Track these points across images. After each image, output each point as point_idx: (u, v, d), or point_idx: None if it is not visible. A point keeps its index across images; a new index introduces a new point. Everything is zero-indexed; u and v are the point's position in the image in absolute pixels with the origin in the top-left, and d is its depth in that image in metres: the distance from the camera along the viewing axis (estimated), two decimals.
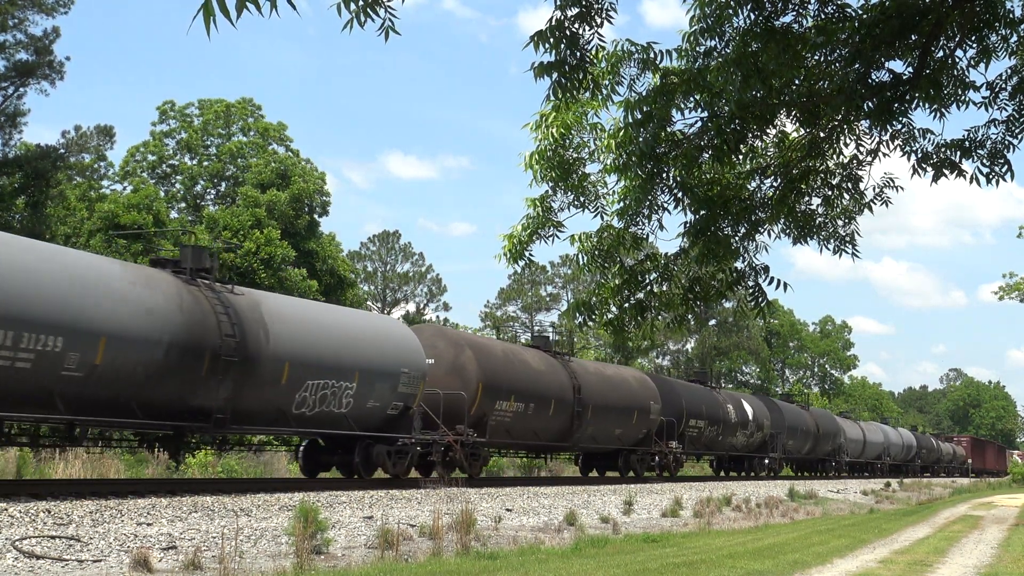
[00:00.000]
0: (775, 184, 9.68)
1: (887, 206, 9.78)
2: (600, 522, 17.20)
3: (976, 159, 8.60)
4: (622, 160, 8.99)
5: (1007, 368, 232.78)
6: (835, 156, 9.60)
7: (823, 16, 8.42)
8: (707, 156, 8.85)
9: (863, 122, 9.04)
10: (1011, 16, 8.25)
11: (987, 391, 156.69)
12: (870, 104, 8.33)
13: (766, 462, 42.20)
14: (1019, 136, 8.50)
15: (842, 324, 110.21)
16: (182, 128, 48.47)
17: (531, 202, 9.56)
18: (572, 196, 9.53)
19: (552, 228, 9.54)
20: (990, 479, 76.72)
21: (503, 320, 77.26)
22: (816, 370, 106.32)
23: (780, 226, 9.80)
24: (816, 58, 8.75)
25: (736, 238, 9.48)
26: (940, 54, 8.45)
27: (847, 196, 9.77)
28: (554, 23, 7.13)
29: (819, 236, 9.83)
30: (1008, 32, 8.33)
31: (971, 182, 8.55)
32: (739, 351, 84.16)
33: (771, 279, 9.32)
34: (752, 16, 8.13)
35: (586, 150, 9.49)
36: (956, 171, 8.71)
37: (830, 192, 9.73)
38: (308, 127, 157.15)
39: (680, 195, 9.26)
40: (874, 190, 9.70)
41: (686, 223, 9.42)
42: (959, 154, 8.66)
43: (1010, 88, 8.55)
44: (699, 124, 8.79)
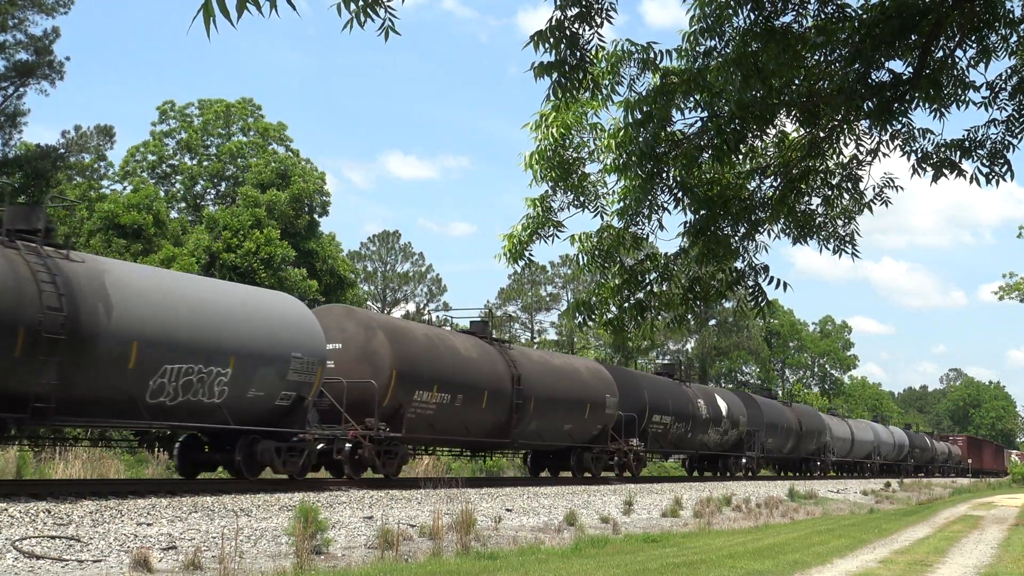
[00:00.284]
0: (775, 184, 9.68)
1: (887, 206, 9.78)
2: (600, 522, 17.20)
3: (976, 159, 8.60)
4: (622, 160, 8.99)
5: (1007, 368, 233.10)
6: (835, 156, 9.60)
7: (823, 16, 8.42)
8: (707, 156, 8.85)
9: (863, 122, 9.04)
10: (1011, 16, 8.26)
11: (987, 391, 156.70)
12: (870, 104, 8.33)
13: (743, 462, 39.56)
14: (1019, 136, 8.50)
15: (842, 324, 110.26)
16: (182, 128, 48.47)
17: (531, 202, 9.56)
18: (572, 196, 9.53)
19: (552, 228, 9.54)
20: (990, 479, 75.89)
21: (503, 320, 77.25)
22: (816, 370, 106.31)
23: (780, 226, 9.80)
24: (816, 58, 8.75)
25: (736, 238, 9.48)
26: (940, 54, 8.45)
27: (847, 196, 9.77)
28: (554, 23, 7.13)
29: (819, 236, 9.83)
30: (1008, 32, 8.33)
31: (971, 182, 8.55)
32: (739, 351, 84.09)
33: (771, 279, 9.33)
34: (752, 16, 8.13)
35: (586, 150, 9.49)
36: (956, 171, 8.71)
37: (830, 192, 9.73)
38: (308, 127, 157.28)
39: (680, 195, 9.26)
40: (874, 190, 9.71)
41: (686, 223, 9.42)
42: (959, 154, 8.66)
43: (1010, 88, 8.55)
44: (699, 124, 8.79)
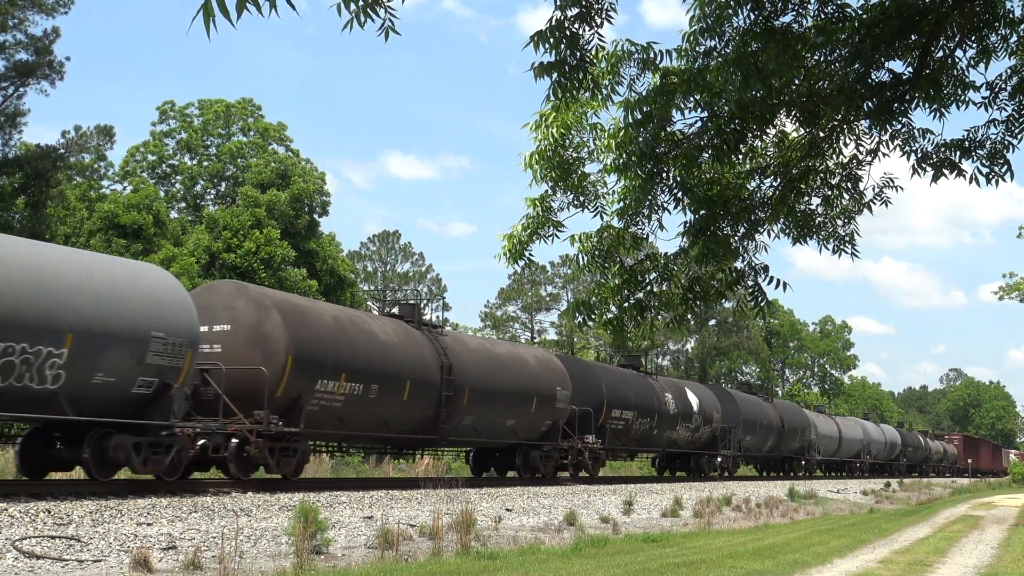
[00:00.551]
0: (775, 184, 9.68)
1: (887, 206, 9.78)
2: (600, 522, 17.21)
3: (976, 159, 8.61)
4: (622, 160, 9.00)
5: (1007, 368, 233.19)
6: (835, 156, 9.60)
7: (823, 16, 8.42)
8: (707, 156, 8.85)
9: (863, 122, 9.04)
10: (1011, 16, 8.26)
11: (987, 391, 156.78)
12: (870, 104, 8.33)
13: (718, 461, 36.92)
14: (1019, 136, 8.50)
15: (842, 324, 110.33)
16: (182, 128, 48.52)
17: (531, 202, 9.56)
18: (572, 196, 9.53)
19: (552, 228, 9.55)
20: (989, 479, 75.11)
21: (503, 320, 77.27)
22: (816, 370, 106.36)
23: (780, 226, 9.80)
24: (816, 58, 8.75)
25: (736, 238, 9.48)
26: (940, 54, 8.45)
27: (847, 196, 9.78)
28: (554, 23, 7.13)
29: (819, 236, 9.84)
30: (1008, 32, 8.33)
31: (971, 182, 8.56)
32: (739, 351, 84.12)
33: (771, 279, 9.33)
34: (752, 16, 8.13)
35: (586, 150, 9.49)
36: (956, 171, 8.71)
37: (830, 192, 9.73)
38: (308, 127, 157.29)
39: (680, 195, 9.26)
40: (874, 190, 9.71)
41: (686, 223, 9.43)
42: (959, 154, 8.66)
43: (1010, 88, 8.55)
44: (699, 124, 8.80)
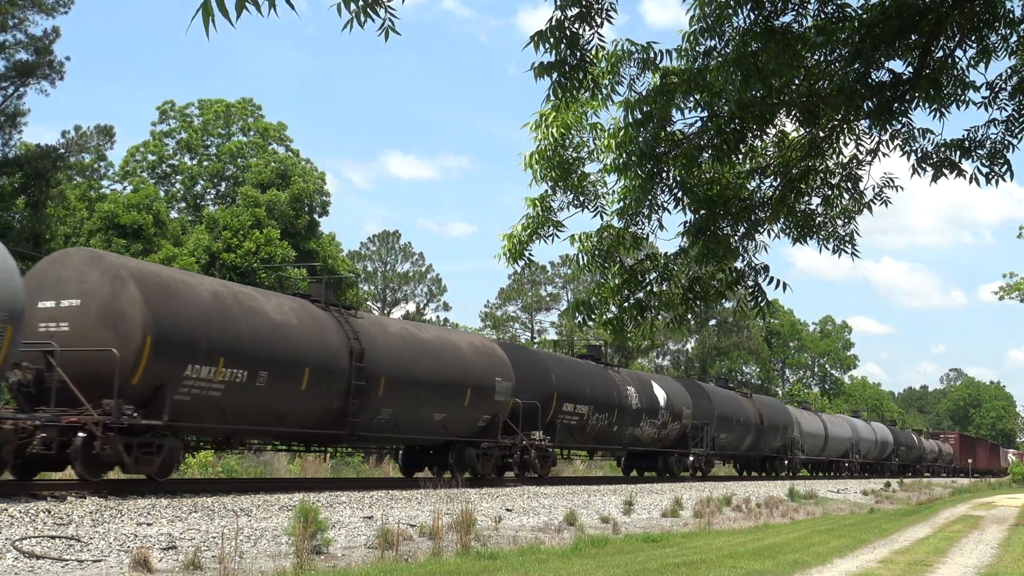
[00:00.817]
0: (775, 184, 9.68)
1: (887, 206, 9.78)
2: (600, 522, 17.21)
3: (976, 159, 8.61)
4: (622, 160, 9.00)
5: (1007, 368, 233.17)
6: (835, 156, 9.60)
7: (823, 16, 8.42)
8: (707, 156, 8.86)
9: (863, 122, 9.04)
10: (1011, 16, 8.26)
11: (987, 391, 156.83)
12: (870, 104, 8.33)
13: (690, 460, 34.54)
14: (1019, 136, 8.50)
15: (842, 324, 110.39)
16: (182, 128, 48.54)
17: (531, 202, 9.56)
18: (572, 196, 9.53)
19: (552, 228, 9.55)
20: (989, 479, 74.32)
21: (503, 320, 77.28)
22: (816, 370, 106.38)
23: (780, 226, 9.80)
24: (816, 58, 8.75)
25: (736, 238, 9.48)
26: (940, 54, 8.45)
27: (847, 196, 9.78)
28: (554, 23, 7.14)
29: (819, 236, 9.84)
30: (1008, 32, 8.33)
31: (971, 182, 8.56)
32: (739, 351, 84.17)
33: (771, 279, 9.33)
34: (752, 16, 8.13)
35: (586, 150, 9.50)
36: (956, 171, 8.71)
37: (830, 192, 9.73)
38: (308, 127, 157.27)
39: (680, 195, 9.26)
40: (874, 190, 9.71)
41: (686, 223, 9.43)
42: (959, 154, 8.66)
43: (1010, 88, 8.55)
44: (699, 124, 8.80)
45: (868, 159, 9.42)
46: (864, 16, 8.24)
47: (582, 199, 9.56)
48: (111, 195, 43.38)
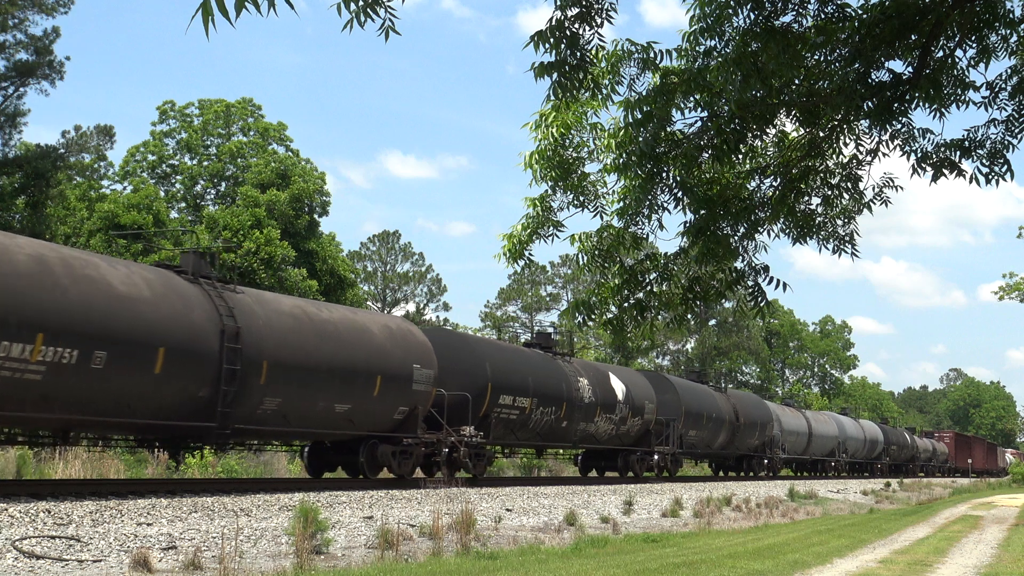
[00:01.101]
0: (775, 184, 9.68)
1: (887, 206, 9.78)
2: (600, 522, 17.21)
3: (976, 159, 8.60)
4: (622, 160, 9.00)
5: (1007, 368, 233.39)
6: (835, 156, 9.60)
7: (823, 16, 8.42)
8: (707, 156, 8.86)
9: (863, 122, 9.04)
10: (1011, 16, 8.26)
11: (987, 391, 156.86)
12: (870, 104, 8.33)
13: (655, 458, 31.89)
14: (1019, 136, 8.50)
15: (842, 324, 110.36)
16: (182, 128, 48.55)
17: (531, 202, 9.57)
18: (572, 196, 9.53)
19: (552, 228, 9.55)
20: (989, 480, 73.46)
21: (503, 320, 77.30)
22: (816, 370, 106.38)
23: (780, 226, 9.80)
24: (816, 58, 8.76)
25: (736, 238, 9.48)
26: (940, 54, 8.45)
27: (847, 196, 9.78)
28: (554, 23, 7.14)
29: (819, 236, 9.83)
30: (1008, 32, 8.34)
31: (971, 182, 8.55)
32: (739, 351, 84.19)
33: (771, 279, 9.33)
34: (752, 16, 8.14)
35: (586, 150, 9.50)
36: (956, 171, 8.71)
37: (830, 192, 9.73)
38: (308, 127, 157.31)
39: (680, 195, 9.26)
40: (874, 190, 9.71)
41: (686, 223, 9.43)
42: (959, 154, 8.66)
43: (1010, 88, 8.55)
44: (699, 124, 8.80)
45: (868, 159, 9.43)
46: (864, 16, 8.25)
47: (582, 199, 9.56)
48: (111, 195, 43.38)
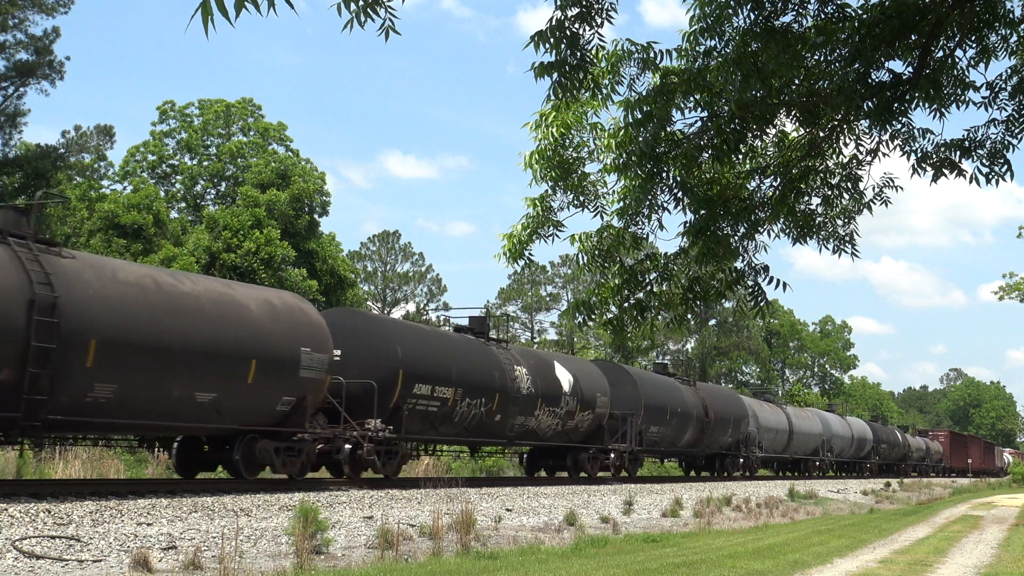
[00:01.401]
0: (775, 184, 9.68)
1: (887, 206, 9.78)
2: (600, 522, 17.21)
3: (976, 159, 8.60)
4: (622, 160, 9.00)
5: (1007, 368, 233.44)
6: (835, 156, 9.60)
7: (823, 16, 8.42)
8: (707, 156, 8.86)
9: (863, 122, 9.04)
10: (1011, 16, 8.26)
11: (987, 391, 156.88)
12: (870, 104, 8.33)
13: (611, 457, 28.91)
14: (1019, 136, 8.50)
15: (842, 324, 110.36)
16: (182, 128, 48.54)
17: (531, 202, 9.57)
18: (572, 196, 9.53)
19: (552, 228, 9.55)
20: (989, 480, 72.64)
21: (503, 320, 77.28)
22: (816, 370, 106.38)
23: (780, 226, 9.79)
24: (816, 58, 8.75)
25: (736, 238, 9.48)
26: (940, 54, 8.45)
27: (847, 196, 9.78)
28: (554, 23, 7.14)
29: (819, 236, 9.83)
30: (1008, 32, 8.34)
31: (971, 182, 8.55)
32: (739, 351, 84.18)
33: (771, 279, 9.33)
34: (752, 16, 8.14)
35: (586, 150, 9.50)
36: (956, 171, 8.71)
37: (830, 192, 9.73)
38: (308, 127, 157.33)
39: (680, 195, 9.26)
40: (874, 190, 9.71)
41: (686, 223, 9.42)
42: (959, 154, 8.65)
43: (1010, 88, 8.55)
44: (699, 124, 8.80)
45: (868, 159, 9.42)
46: (864, 16, 8.25)
47: (582, 199, 9.56)
48: (111, 195, 43.36)
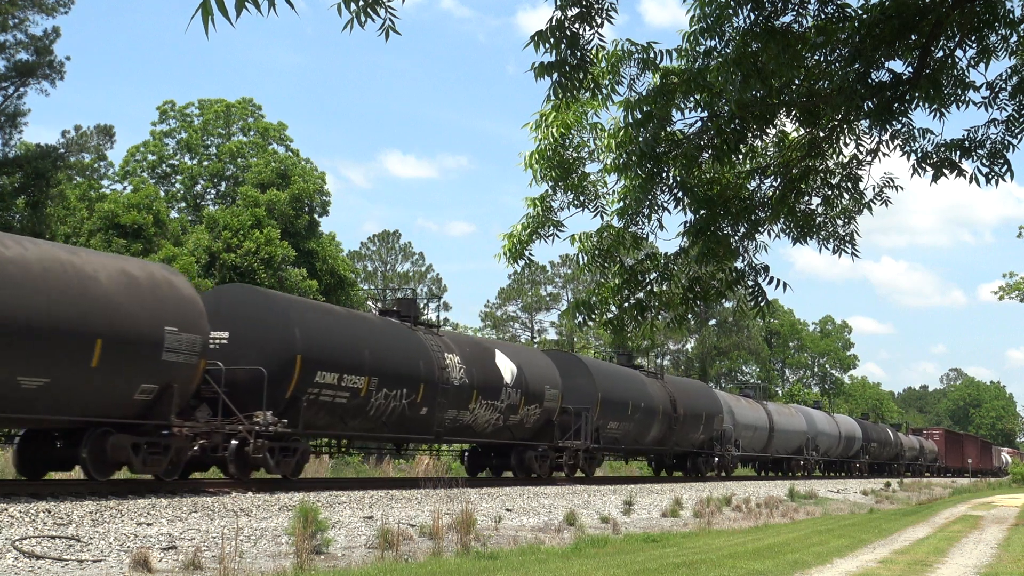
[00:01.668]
0: (775, 184, 9.68)
1: (887, 206, 9.78)
2: (600, 522, 17.21)
3: (976, 159, 8.60)
4: (622, 160, 9.00)
5: (1007, 368, 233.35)
6: (835, 156, 9.60)
7: (823, 16, 8.43)
8: (707, 156, 8.86)
9: (863, 122, 9.04)
10: (1011, 16, 8.26)
11: (987, 391, 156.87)
12: (870, 104, 8.33)
13: (562, 456, 26.21)
14: (1019, 136, 8.50)
15: (842, 324, 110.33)
16: (182, 128, 48.55)
17: (531, 202, 9.57)
18: (572, 196, 9.53)
19: (552, 228, 9.55)
20: (989, 479, 72.19)
21: (503, 320, 77.30)
22: (816, 370, 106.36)
23: (780, 226, 9.80)
24: (816, 58, 8.76)
25: (736, 238, 9.48)
26: (940, 54, 8.45)
27: (847, 196, 9.78)
28: (554, 23, 7.14)
29: (819, 236, 9.83)
30: (1008, 32, 8.34)
31: (971, 182, 8.56)
32: (739, 351, 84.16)
33: (771, 279, 9.33)
34: (752, 16, 8.14)
35: (586, 150, 9.50)
36: (956, 171, 8.71)
37: (830, 192, 9.74)
38: (308, 127, 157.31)
39: (680, 195, 9.26)
40: (874, 190, 9.71)
41: (686, 223, 9.42)
42: (959, 154, 8.66)
43: (1010, 88, 8.55)
44: (699, 124, 8.80)
45: (868, 159, 9.43)
46: (864, 16, 8.25)
47: (582, 199, 9.56)
48: (111, 195, 43.37)
